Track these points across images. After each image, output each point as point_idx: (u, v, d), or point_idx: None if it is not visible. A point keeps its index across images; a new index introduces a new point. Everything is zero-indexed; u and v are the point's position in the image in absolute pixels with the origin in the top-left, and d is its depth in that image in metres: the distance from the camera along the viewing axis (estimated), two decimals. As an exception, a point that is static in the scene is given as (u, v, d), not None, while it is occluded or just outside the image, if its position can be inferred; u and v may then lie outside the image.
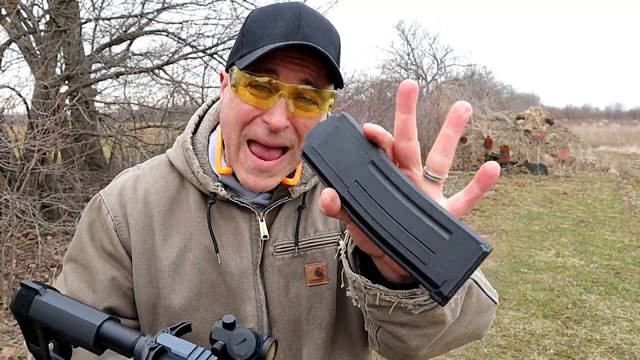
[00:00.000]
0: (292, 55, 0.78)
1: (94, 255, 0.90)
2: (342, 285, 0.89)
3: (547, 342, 4.01)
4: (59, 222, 5.53)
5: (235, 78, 0.81)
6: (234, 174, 0.89)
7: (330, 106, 0.83)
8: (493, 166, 0.53)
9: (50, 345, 0.72)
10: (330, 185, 0.54)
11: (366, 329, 0.83)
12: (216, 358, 0.60)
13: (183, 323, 0.68)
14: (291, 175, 0.92)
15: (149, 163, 0.98)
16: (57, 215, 5.93)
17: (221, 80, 0.89)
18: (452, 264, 0.49)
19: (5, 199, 4.45)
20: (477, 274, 0.85)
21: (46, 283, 0.95)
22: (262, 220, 0.90)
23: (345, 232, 0.86)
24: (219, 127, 0.94)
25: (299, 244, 0.92)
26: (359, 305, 0.71)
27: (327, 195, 0.53)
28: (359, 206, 0.53)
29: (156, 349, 0.62)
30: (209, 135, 0.94)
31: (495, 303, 0.88)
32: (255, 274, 0.90)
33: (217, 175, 0.90)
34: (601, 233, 7.58)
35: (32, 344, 0.72)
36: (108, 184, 0.98)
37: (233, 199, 0.88)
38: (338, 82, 0.83)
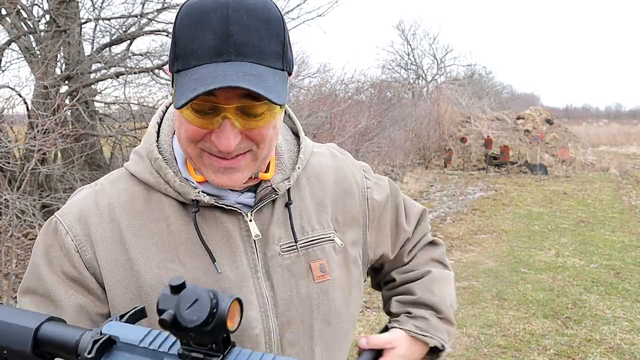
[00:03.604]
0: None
1: (55, 283, 0.81)
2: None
3: (547, 342, 4.01)
4: (59, 222, 5.53)
5: (175, 98, 0.74)
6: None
7: (282, 105, 0.76)
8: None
9: None
10: None
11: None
12: (173, 338, 0.52)
13: (135, 308, 0.59)
14: (265, 169, 0.89)
15: (106, 178, 0.91)
16: (57, 215, 5.92)
17: (168, 73, 0.84)
18: None
19: (5, 199, 4.45)
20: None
21: None
22: (250, 220, 0.87)
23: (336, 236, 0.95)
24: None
25: (301, 241, 0.90)
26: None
27: None
28: None
29: (100, 341, 0.54)
30: (172, 142, 0.89)
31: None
32: (256, 277, 0.86)
33: (192, 182, 0.86)
34: (601, 233, 7.58)
35: None
36: None
37: (218, 203, 0.84)
38: (286, 69, 0.77)
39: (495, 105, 21.34)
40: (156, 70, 7.13)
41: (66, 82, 7.10)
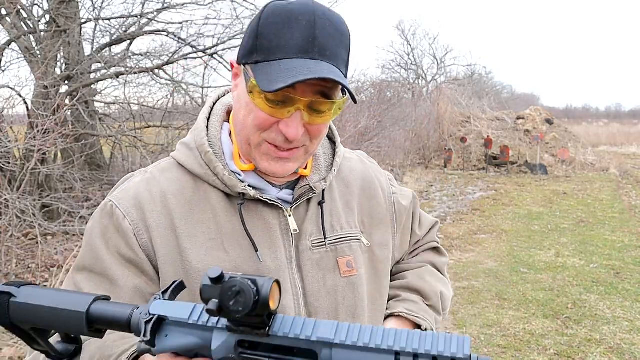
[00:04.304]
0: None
1: (112, 263, 0.87)
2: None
3: (547, 342, 4.01)
4: (59, 222, 5.53)
5: (251, 86, 0.82)
6: (253, 170, 0.93)
7: (340, 108, 0.87)
8: None
9: (57, 338, 0.68)
10: None
11: None
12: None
13: (174, 282, 0.63)
14: (304, 166, 0.96)
15: (156, 167, 0.97)
16: (57, 215, 5.93)
17: (232, 69, 0.90)
18: None
19: (5, 199, 4.45)
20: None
21: (20, 280, 0.91)
22: (290, 216, 0.93)
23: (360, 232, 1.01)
24: (226, 125, 0.97)
25: (330, 238, 0.96)
26: None
27: None
28: None
29: (152, 322, 0.59)
30: (220, 136, 0.96)
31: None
32: (290, 267, 0.93)
33: (238, 174, 0.92)
34: (601, 233, 7.58)
35: (34, 345, 0.68)
36: (108, 183, 0.99)
37: (262, 197, 0.90)
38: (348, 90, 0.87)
39: (495, 105, 21.35)
40: (156, 70, 7.12)
41: (66, 82, 7.10)
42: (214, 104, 1.01)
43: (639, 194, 11.29)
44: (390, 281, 1.13)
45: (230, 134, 0.95)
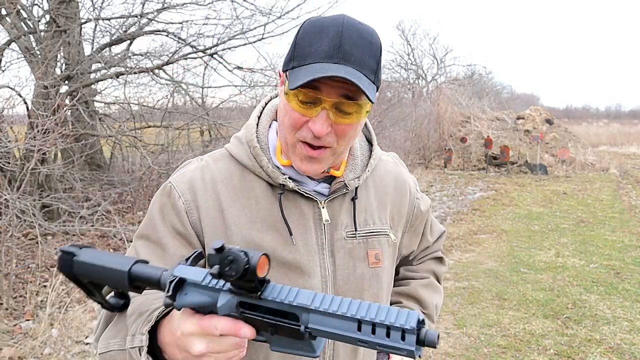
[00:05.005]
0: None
1: (165, 234, 1.01)
2: None
3: (547, 342, 4.01)
4: (59, 222, 5.53)
5: (286, 89, 0.95)
6: (291, 165, 1.04)
7: (368, 111, 0.97)
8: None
9: (112, 294, 0.84)
10: None
11: None
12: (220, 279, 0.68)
13: (195, 252, 0.77)
14: (337, 168, 1.07)
15: (211, 156, 1.11)
16: (57, 215, 5.93)
17: (280, 77, 1.02)
18: None
19: (5, 199, 4.45)
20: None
21: (79, 243, 1.09)
22: (323, 207, 1.05)
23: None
24: (274, 124, 1.09)
25: (362, 231, 1.08)
26: None
27: None
28: None
29: (174, 282, 0.72)
30: (268, 133, 1.09)
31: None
32: (322, 253, 1.04)
33: (279, 168, 1.04)
34: (601, 233, 7.58)
35: (92, 296, 0.83)
36: (108, 183, 1.04)
37: (299, 189, 1.02)
38: (376, 84, 0.96)
39: (495, 105, 21.33)
40: (156, 70, 7.12)
41: (66, 82, 7.10)
42: (266, 104, 1.13)
43: (639, 194, 11.29)
44: (396, 285, 1.28)
45: (277, 132, 1.07)
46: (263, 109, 1.13)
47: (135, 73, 7.14)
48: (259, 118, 1.11)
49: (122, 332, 0.88)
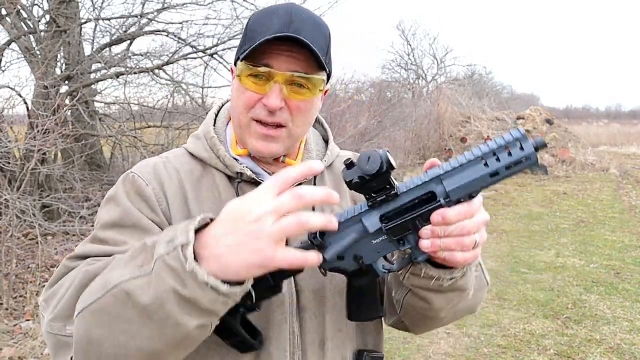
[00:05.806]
0: (283, 49, 0.93)
1: (141, 217, 0.94)
2: None
3: (547, 342, 4.01)
4: (59, 222, 5.53)
5: (239, 69, 0.96)
6: (248, 155, 1.04)
7: (321, 90, 0.98)
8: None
9: None
10: None
11: (393, 294, 1.04)
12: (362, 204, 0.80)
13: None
14: (293, 158, 1.07)
15: (170, 153, 1.10)
16: (57, 215, 5.92)
17: (232, 74, 1.03)
18: None
19: (5, 199, 4.45)
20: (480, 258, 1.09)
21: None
22: None
23: None
24: (231, 124, 1.09)
25: None
26: (401, 274, 0.93)
27: None
28: None
29: (316, 235, 0.84)
30: (226, 128, 1.10)
31: (488, 284, 1.12)
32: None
33: (236, 159, 1.04)
34: (601, 233, 7.58)
35: None
36: (108, 183, 1.03)
37: (258, 178, 1.02)
38: (325, 69, 0.97)
39: (495, 105, 21.31)
40: (156, 70, 7.12)
41: (66, 82, 7.10)
42: (222, 105, 1.15)
43: (639, 194, 11.29)
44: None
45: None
46: (220, 108, 1.14)
47: (135, 73, 7.13)
48: (216, 116, 1.12)
49: (130, 265, 0.74)
